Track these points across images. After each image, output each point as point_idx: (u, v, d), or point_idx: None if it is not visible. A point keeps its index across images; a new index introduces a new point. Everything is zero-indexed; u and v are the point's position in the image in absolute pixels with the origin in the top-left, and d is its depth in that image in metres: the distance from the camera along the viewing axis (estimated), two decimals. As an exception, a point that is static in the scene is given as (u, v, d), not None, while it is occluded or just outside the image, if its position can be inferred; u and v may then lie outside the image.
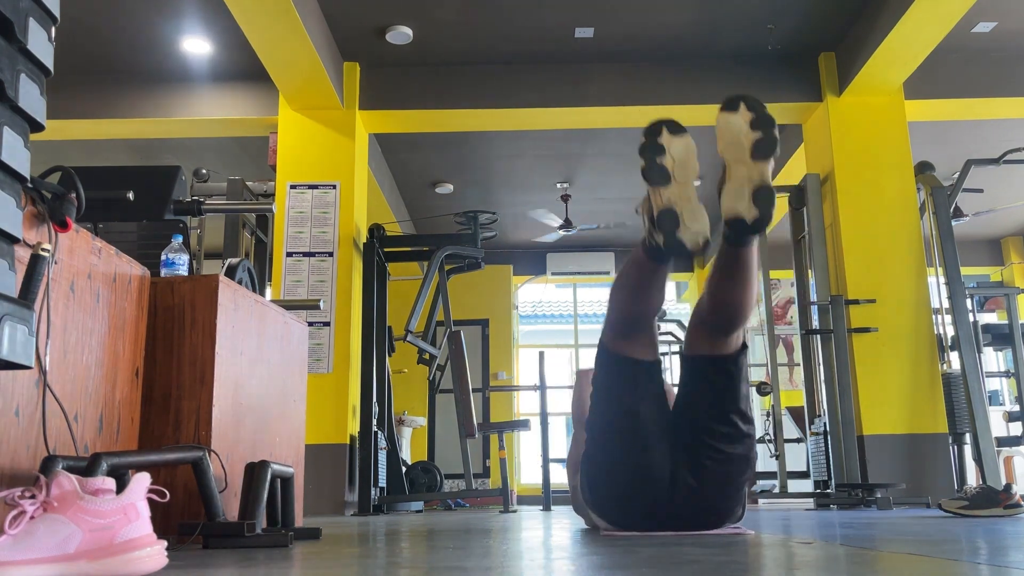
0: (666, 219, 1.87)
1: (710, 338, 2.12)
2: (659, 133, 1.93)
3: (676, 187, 1.89)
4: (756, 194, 1.84)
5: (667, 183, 1.89)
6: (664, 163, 1.90)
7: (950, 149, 7.14)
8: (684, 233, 1.85)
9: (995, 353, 8.48)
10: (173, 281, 2.24)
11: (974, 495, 3.19)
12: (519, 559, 1.44)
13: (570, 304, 11.53)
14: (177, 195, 2.65)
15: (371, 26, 5.39)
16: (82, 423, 1.86)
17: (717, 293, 2.05)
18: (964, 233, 9.29)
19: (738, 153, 1.88)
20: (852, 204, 5.60)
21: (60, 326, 1.78)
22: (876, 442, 5.20)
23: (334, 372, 5.35)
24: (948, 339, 5.33)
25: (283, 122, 5.77)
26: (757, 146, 1.86)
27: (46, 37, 1.35)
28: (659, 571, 1.15)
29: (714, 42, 5.67)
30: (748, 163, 1.86)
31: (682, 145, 1.93)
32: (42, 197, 1.61)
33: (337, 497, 5.17)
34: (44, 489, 1.20)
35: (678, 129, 1.94)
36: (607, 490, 2.15)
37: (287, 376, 2.81)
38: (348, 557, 1.55)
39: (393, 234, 6.25)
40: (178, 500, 2.11)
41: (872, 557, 1.36)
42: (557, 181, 7.85)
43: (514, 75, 5.90)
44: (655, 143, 1.91)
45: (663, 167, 1.89)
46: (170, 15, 5.19)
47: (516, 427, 5.64)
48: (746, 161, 1.86)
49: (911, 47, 5.12)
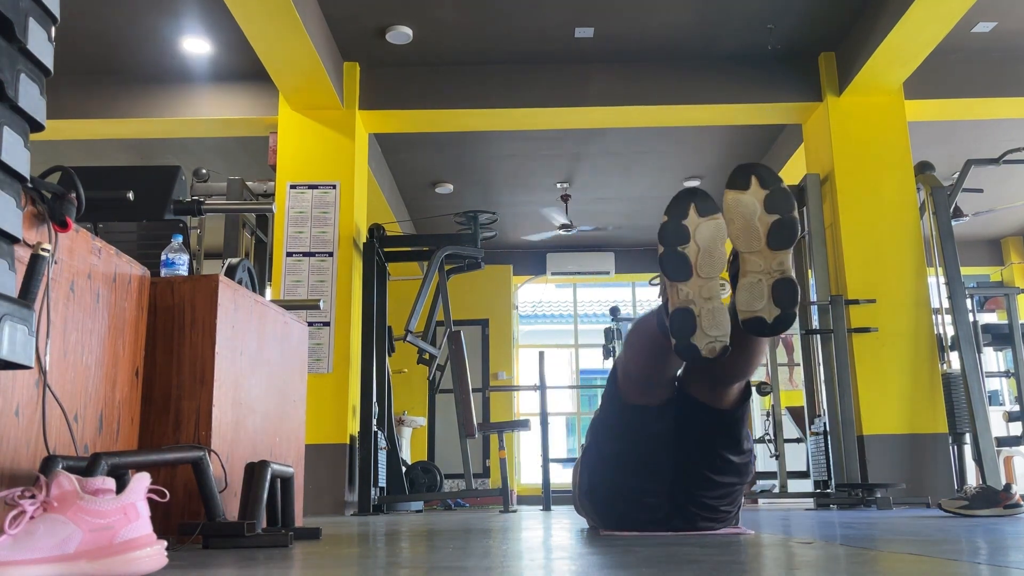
0: (681, 322, 1.62)
1: (711, 385, 1.92)
2: (685, 214, 1.66)
3: (697, 283, 1.63)
4: (776, 289, 1.60)
5: (688, 278, 1.63)
6: (687, 252, 1.64)
7: (950, 149, 7.14)
8: (700, 339, 1.61)
9: (995, 353, 8.48)
10: (173, 281, 2.24)
11: (974, 495, 3.19)
12: (519, 559, 1.44)
13: (570, 304, 11.53)
14: (177, 195, 2.65)
15: (371, 26, 5.39)
16: (82, 423, 1.86)
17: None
18: (964, 233, 9.29)
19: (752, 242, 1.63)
20: (852, 204, 5.60)
21: (60, 326, 1.78)
22: (876, 442, 5.20)
23: (334, 372, 5.36)
24: (948, 339, 5.33)
25: (283, 122, 5.77)
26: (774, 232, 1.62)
27: (46, 37, 1.35)
28: (659, 571, 1.15)
29: (714, 42, 5.67)
30: (765, 253, 1.62)
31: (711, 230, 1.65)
32: (42, 197, 1.61)
33: (337, 497, 5.17)
34: (44, 489, 1.20)
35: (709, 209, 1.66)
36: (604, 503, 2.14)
37: (287, 376, 2.81)
38: (348, 557, 1.55)
39: (393, 234, 6.25)
40: (178, 500, 2.11)
41: (872, 557, 1.36)
42: (557, 181, 7.85)
43: (514, 75, 5.90)
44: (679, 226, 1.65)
45: (685, 257, 1.63)
46: (170, 15, 5.19)
47: (516, 427, 5.64)
48: (762, 251, 1.62)
49: (911, 47, 5.12)
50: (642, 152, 7.10)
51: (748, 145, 7.10)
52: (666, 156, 7.19)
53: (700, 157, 7.26)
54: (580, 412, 12.13)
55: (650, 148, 7.01)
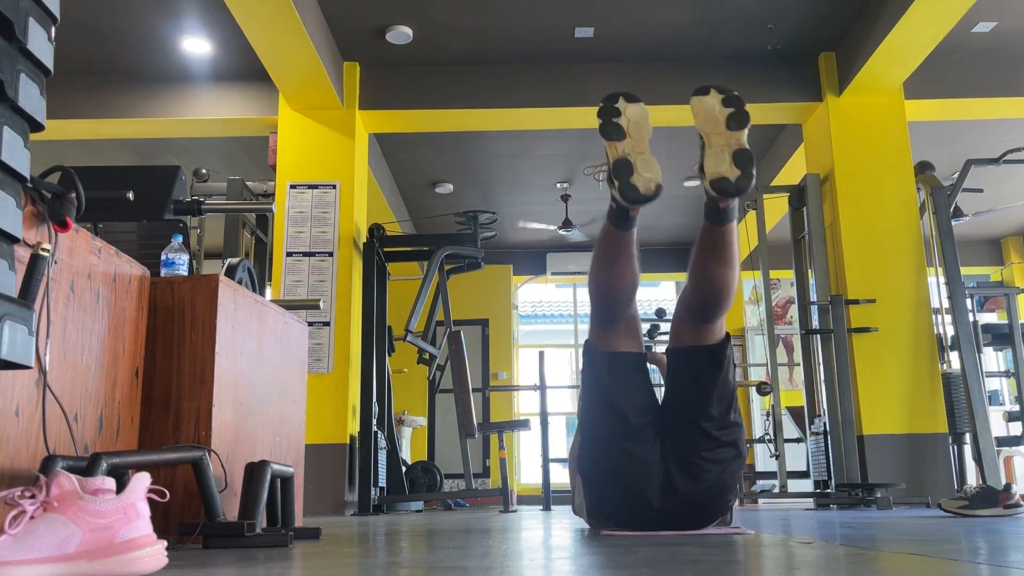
0: (621, 168, 1.96)
1: (694, 325, 2.17)
2: (616, 100, 2.05)
3: (630, 141, 2.00)
4: (736, 156, 1.94)
5: (622, 138, 2.00)
6: (619, 122, 2.01)
7: (950, 149, 7.14)
8: (638, 180, 1.95)
9: (995, 353, 8.48)
10: (173, 281, 2.24)
11: (974, 495, 3.19)
12: (519, 559, 1.44)
13: (570, 304, 11.53)
14: (177, 195, 2.65)
15: (371, 26, 5.39)
16: (82, 423, 1.86)
17: (700, 272, 2.11)
18: (964, 233, 9.29)
19: (714, 127, 2.00)
20: (852, 204, 5.60)
21: (60, 326, 1.78)
22: (876, 442, 5.20)
23: (334, 372, 5.36)
24: (948, 339, 5.33)
25: (283, 122, 5.77)
26: (732, 118, 1.99)
27: (46, 37, 1.35)
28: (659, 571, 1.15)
29: (714, 42, 5.67)
30: (725, 133, 1.98)
31: (637, 109, 2.04)
32: (42, 197, 1.61)
33: (337, 497, 5.17)
34: (44, 489, 1.20)
35: (634, 98, 2.07)
36: (600, 489, 2.15)
37: (287, 376, 2.81)
38: (348, 557, 1.55)
39: (393, 234, 6.25)
40: (178, 500, 2.11)
41: (872, 557, 1.36)
42: (557, 181, 7.85)
43: (514, 75, 5.90)
44: (612, 107, 2.03)
45: (618, 125, 2.01)
46: (170, 15, 5.19)
47: (516, 427, 5.64)
48: (723, 132, 1.98)
49: (911, 47, 5.12)
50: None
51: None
52: (666, 156, 7.19)
53: (677, 154, 7.26)
54: (580, 412, 12.10)
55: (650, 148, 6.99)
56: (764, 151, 7.26)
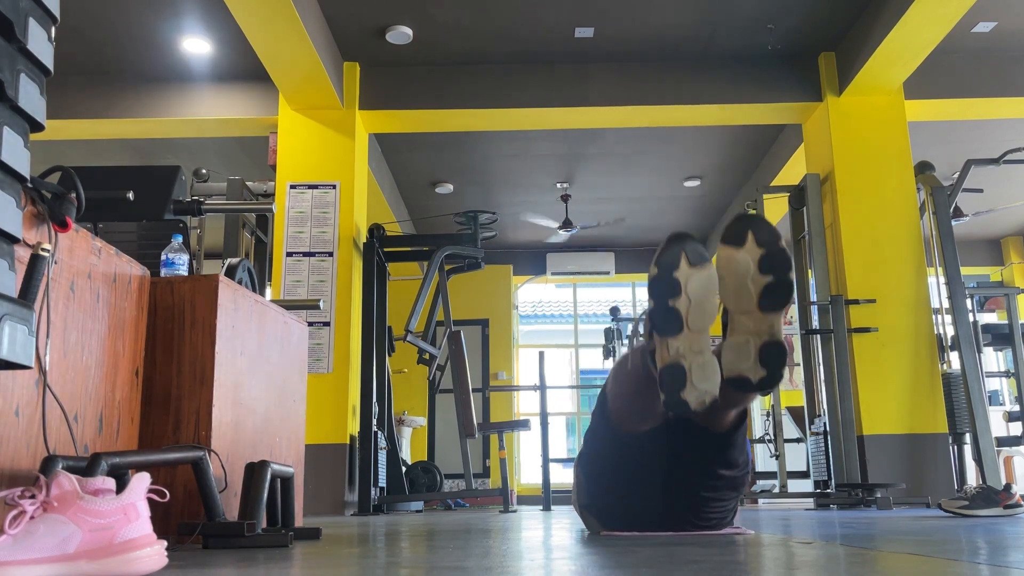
0: (671, 377, 1.57)
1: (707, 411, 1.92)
2: (676, 264, 1.59)
3: (688, 337, 1.57)
4: (763, 351, 1.57)
5: (678, 331, 1.57)
6: (678, 306, 1.58)
7: (950, 149, 7.14)
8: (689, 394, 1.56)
9: (995, 353, 8.48)
10: (173, 281, 2.24)
11: (974, 495, 3.19)
12: (519, 559, 1.44)
13: (570, 304, 11.53)
14: (177, 195, 2.65)
15: (371, 26, 5.39)
16: (82, 423, 1.86)
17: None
18: (964, 233, 9.29)
19: (743, 303, 1.59)
20: (852, 204, 5.61)
21: (60, 326, 1.78)
22: (876, 442, 5.20)
23: (334, 372, 5.36)
24: (948, 339, 5.33)
25: (283, 122, 5.77)
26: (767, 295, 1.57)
27: (46, 37, 1.35)
28: (659, 571, 1.15)
29: (714, 42, 5.67)
30: (756, 315, 1.58)
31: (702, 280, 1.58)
32: (42, 197, 1.61)
33: (337, 497, 5.17)
34: (44, 489, 1.20)
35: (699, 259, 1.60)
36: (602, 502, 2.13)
37: (287, 376, 2.81)
38: (348, 557, 1.55)
39: (393, 234, 6.25)
40: (178, 500, 2.11)
41: (872, 557, 1.36)
42: (557, 181, 7.85)
43: (514, 75, 5.90)
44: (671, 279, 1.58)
45: (676, 312, 1.57)
46: (170, 15, 5.19)
47: (516, 427, 5.64)
48: (753, 313, 1.58)
49: (911, 47, 5.12)
50: (642, 152, 7.10)
51: (748, 145, 7.10)
52: (666, 156, 7.19)
53: (700, 157, 7.26)
54: (580, 412, 12.13)
55: (650, 148, 7.01)
56: (764, 151, 7.26)
